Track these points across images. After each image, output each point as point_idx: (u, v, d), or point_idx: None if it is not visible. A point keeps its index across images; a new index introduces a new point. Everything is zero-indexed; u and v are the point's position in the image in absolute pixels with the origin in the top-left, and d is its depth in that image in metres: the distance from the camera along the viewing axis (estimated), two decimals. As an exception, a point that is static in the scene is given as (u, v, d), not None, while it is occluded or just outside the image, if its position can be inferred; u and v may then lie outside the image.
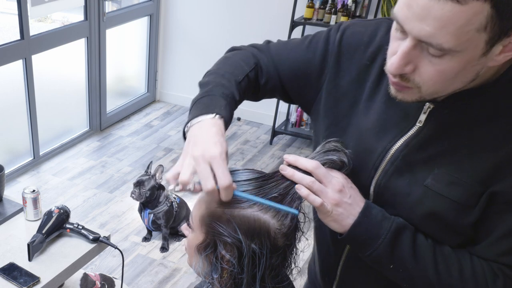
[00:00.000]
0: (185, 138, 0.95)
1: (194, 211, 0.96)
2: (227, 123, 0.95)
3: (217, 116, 0.93)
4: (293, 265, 0.97)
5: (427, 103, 0.91)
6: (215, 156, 0.85)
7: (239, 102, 1.05)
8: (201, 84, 1.06)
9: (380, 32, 1.01)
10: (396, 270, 0.94)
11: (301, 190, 0.90)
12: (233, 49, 1.17)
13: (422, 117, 0.92)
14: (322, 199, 0.90)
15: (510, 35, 0.75)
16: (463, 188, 0.88)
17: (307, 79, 1.08)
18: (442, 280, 0.92)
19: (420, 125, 0.92)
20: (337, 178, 0.92)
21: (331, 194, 0.91)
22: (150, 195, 2.82)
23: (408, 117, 0.94)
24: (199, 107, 0.97)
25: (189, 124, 0.95)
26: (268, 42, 1.16)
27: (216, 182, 0.85)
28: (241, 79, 1.05)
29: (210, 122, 0.92)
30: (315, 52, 1.06)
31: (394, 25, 0.82)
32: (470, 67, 0.78)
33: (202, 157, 0.85)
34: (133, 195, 2.82)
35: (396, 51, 0.81)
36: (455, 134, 0.89)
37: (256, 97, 1.15)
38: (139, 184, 2.81)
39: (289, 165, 0.93)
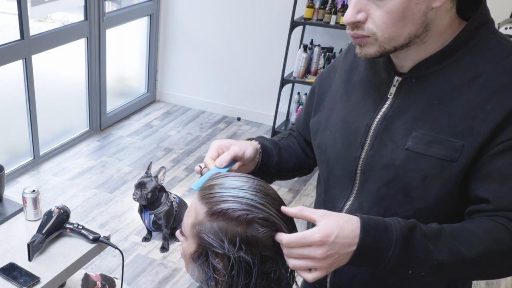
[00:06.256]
0: None
1: (185, 219, 0.96)
2: None
3: None
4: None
5: (396, 77, 1.01)
6: None
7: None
8: None
9: (338, 55, 1.16)
10: (418, 272, 0.90)
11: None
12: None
13: (392, 89, 1.02)
14: (312, 261, 0.87)
15: None
16: (442, 144, 0.94)
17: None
18: (470, 255, 0.89)
19: (391, 97, 1.02)
20: (313, 232, 0.86)
21: (314, 251, 0.86)
22: (151, 196, 2.79)
23: (380, 93, 1.04)
24: None
25: None
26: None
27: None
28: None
29: None
30: (307, 105, 1.27)
31: None
32: (414, 5, 0.89)
33: None
34: (134, 196, 2.79)
35: None
36: (425, 98, 0.97)
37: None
38: (140, 185, 2.78)
39: None
